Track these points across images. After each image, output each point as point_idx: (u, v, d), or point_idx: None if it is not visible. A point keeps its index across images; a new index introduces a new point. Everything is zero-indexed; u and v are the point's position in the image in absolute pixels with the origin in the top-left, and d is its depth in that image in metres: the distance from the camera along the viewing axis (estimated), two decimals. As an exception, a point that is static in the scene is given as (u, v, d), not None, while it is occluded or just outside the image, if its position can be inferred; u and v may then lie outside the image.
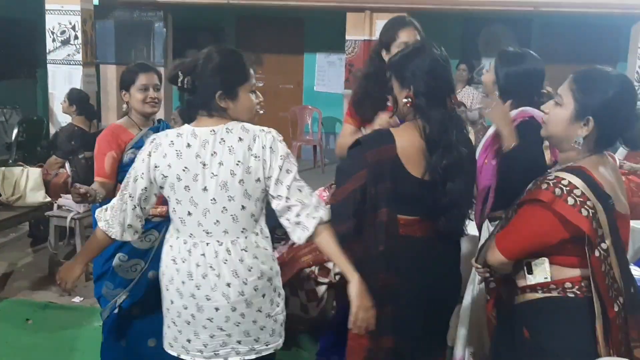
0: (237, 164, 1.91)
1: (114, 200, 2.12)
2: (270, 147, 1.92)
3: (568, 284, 1.81)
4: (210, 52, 1.97)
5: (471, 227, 2.46)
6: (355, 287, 1.88)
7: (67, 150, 5.04)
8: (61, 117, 6.29)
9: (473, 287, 2.51)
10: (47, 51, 6.68)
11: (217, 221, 1.95)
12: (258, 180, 1.93)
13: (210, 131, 1.94)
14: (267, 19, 9.24)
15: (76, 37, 6.61)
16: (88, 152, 5.15)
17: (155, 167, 1.97)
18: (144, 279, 2.80)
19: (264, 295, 2.03)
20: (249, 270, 1.98)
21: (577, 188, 1.73)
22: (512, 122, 2.29)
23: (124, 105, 2.90)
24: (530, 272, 1.85)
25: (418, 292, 2.07)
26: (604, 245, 1.74)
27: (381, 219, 2.02)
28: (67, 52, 6.63)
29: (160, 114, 8.59)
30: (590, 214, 1.72)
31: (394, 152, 2.02)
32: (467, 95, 6.81)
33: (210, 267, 1.97)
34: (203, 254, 1.97)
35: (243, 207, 1.94)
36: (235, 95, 1.96)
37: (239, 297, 1.98)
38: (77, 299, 4.21)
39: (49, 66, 6.75)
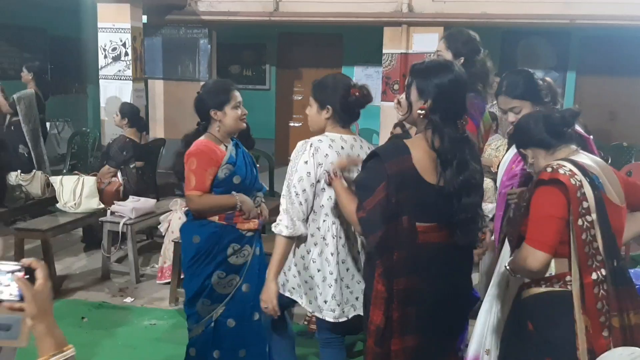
0: None
1: (286, 206, 2.53)
2: None
3: (568, 277, 1.97)
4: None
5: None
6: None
7: (120, 160, 5.33)
8: (111, 129, 6.62)
9: (494, 291, 2.59)
10: (99, 67, 7.01)
11: None
12: None
13: (354, 138, 2.62)
14: (307, 35, 9.48)
15: (126, 54, 6.91)
16: (139, 162, 5.46)
17: (319, 164, 2.49)
18: (239, 293, 2.94)
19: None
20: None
21: (565, 166, 1.99)
22: None
23: (218, 125, 2.90)
24: None
25: (435, 295, 2.15)
26: (589, 218, 1.94)
27: (402, 226, 2.07)
28: (118, 67, 6.93)
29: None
30: (577, 184, 1.95)
31: (411, 162, 2.09)
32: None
33: (347, 239, 2.58)
34: (341, 229, 2.56)
35: None
36: None
37: (361, 256, 2.60)
38: (128, 300, 4.46)
39: (100, 81, 7.06)
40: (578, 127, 2.49)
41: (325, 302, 2.57)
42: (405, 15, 7.30)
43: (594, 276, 1.93)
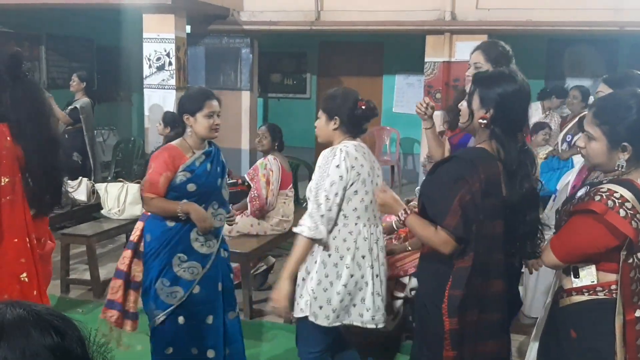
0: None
1: (311, 210, 2.61)
2: None
3: (614, 286, 1.91)
4: None
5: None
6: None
7: (163, 168, 5.40)
8: (154, 137, 6.73)
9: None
10: (144, 76, 7.14)
11: (375, 209, 2.69)
12: None
13: (361, 145, 2.74)
14: (348, 44, 9.48)
15: (170, 64, 7.01)
16: (181, 170, 5.52)
17: (352, 167, 2.61)
18: (191, 298, 2.99)
19: None
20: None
21: (628, 201, 1.84)
22: None
23: (190, 130, 2.96)
24: (576, 276, 1.98)
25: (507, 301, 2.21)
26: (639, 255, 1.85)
27: (498, 230, 2.10)
28: (162, 77, 7.04)
29: (245, 137, 8.81)
30: (638, 226, 1.83)
31: (499, 169, 2.11)
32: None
33: (376, 242, 2.70)
34: (372, 233, 2.69)
35: None
36: None
37: (382, 266, 2.74)
38: (169, 306, 4.50)
39: (145, 90, 7.19)
40: None
41: (355, 305, 2.66)
42: (448, 23, 7.22)
43: (638, 313, 1.88)
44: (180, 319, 3.02)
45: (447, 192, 2.08)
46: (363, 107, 2.69)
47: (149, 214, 3.06)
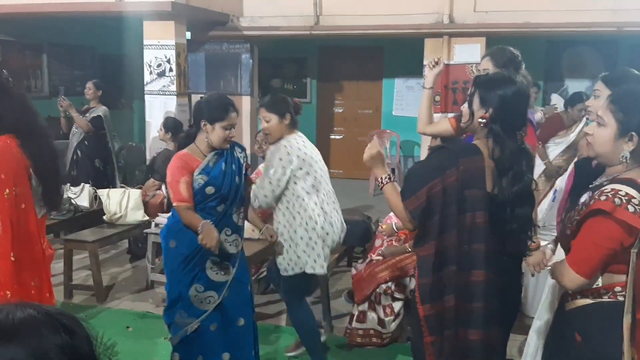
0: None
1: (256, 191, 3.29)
2: None
3: (618, 288, 1.88)
4: None
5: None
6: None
7: (164, 174, 5.41)
8: (156, 143, 6.76)
9: (547, 304, 2.56)
10: (145, 83, 7.17)
11: (327, 183, 3.42)
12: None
13: (299, 134, 3.40)
14: (347, 48, 9.52)
15: (171, 70, 7.04)
16: (182, 175, 5.55)
17: (297, 156, 3.23)
18: (223, 302, 2.99)
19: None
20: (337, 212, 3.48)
21: (635, 197, 1.82)
22: None
23: (206, 136, 2.93)
24: None
25: (497, 293, 2.21)
26: None
27: (478, 220, 2.15)
28: (163, 83, 7.07)
29: (246, 141, 8.84)
30: None
31: (482, 163, 2.16)
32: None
33: (324, 211, 3.34)
34: (322, 201, 3.34)
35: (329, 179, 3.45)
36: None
37: (341, 224, 3.45)
38: (171, 310, 4.53)
39: (146, 97, 7.21)
40: None
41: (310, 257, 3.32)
42: (446, 26, 7.25)
43: None
44: (213, 326, 2.99)
45: (421, 176, 2.19)
46: (298, 103, 3.43)
47: (160, 220, 3.08)
